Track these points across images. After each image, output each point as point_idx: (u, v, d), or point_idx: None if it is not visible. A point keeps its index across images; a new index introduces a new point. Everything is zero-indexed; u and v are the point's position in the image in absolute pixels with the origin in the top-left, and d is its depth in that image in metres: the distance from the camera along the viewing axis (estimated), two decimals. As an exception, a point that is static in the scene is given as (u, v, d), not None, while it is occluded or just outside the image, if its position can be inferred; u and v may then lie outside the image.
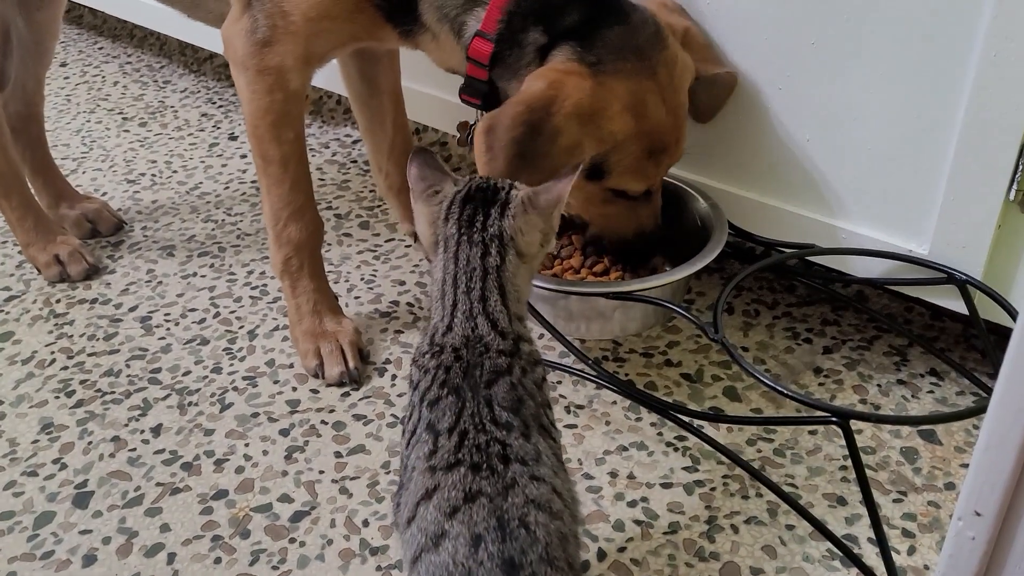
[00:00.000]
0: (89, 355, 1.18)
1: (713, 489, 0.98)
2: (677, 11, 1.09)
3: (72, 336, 1.22)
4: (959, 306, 1.02)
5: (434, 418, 0.67)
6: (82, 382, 1.14)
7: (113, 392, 1.12)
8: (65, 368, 1.16)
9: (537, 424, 0.68)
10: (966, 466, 0.99)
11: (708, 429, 1.04)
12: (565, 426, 1.06)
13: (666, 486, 0.98)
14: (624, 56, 0.94)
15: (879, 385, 1.11)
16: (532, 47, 0.95)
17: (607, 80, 0.93)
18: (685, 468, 1.00)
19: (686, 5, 1.11)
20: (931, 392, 1.10)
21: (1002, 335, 1.08)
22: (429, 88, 1.38)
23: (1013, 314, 0.97)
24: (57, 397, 1.12)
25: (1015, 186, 0.93)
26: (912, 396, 1.09)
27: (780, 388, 0.89)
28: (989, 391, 1.07)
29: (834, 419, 0.86)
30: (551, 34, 0.94)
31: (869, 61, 0.99)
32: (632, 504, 0.96)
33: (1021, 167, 0.92)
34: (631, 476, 1.00)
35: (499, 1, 0.94)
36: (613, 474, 1.00)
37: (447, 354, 0.71)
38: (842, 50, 1.01)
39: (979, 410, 0.87)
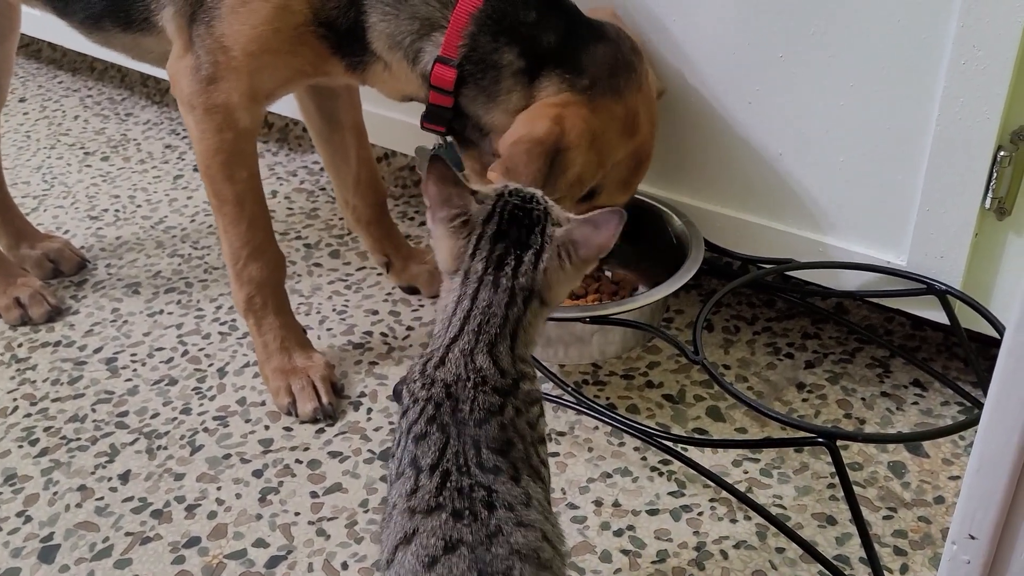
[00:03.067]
0: (53, 400, 1.14)
1: (700, 514, 0.96)
2: (620, 23, 1.06)
3: (35, 381, 1.18)
4: (940, 316, 1.01)
5: (419, 453, 0.64)
6: (46, 429, 1.10)
7: (79, 439, 1.08)
8: (28, 415, 1.12)
9: (527, 465, 0.65)
10: (955, 479, 0.98)
11: (693, 451, 1.02)
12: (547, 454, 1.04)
13: (652, 513, 0.96)
14: (615, 73, 0.92)
15: (863, 398, 1.10)
16: (510, 70, 0.92)
17: (605, 104, 0.92)
18: (671, 493, 0.98)
19: (655, 22, 1.09)
20: (915, 403, 1.09)
21: (984, 342, 1.08)
22: (395, 113, 1.35)
23: (995, 323, 0.96)
24: (20, 446, 1.08)
25: (990, 194, 0.93)
26: (897, 408, 1.08)
27: (765, 410, 0.87)
28: (973, 400, 1.06)
29: (820, 440, 0.84)
30: (529, 57, 0.92)
31: (838, 73, 0.98)
32: (618, 533, 0.94)
33: (995, 175, 0.91)
34: (616, 504, 0.97)
35: (458, 24, 0.91)
36: (598, 503, 0.97)
37: (438, 388, 0.67)
38: (811, 63, 1.00)
39: (966, 424, 0.86)
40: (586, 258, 0.70)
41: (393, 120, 1.38)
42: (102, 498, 1.00)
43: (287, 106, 1.27)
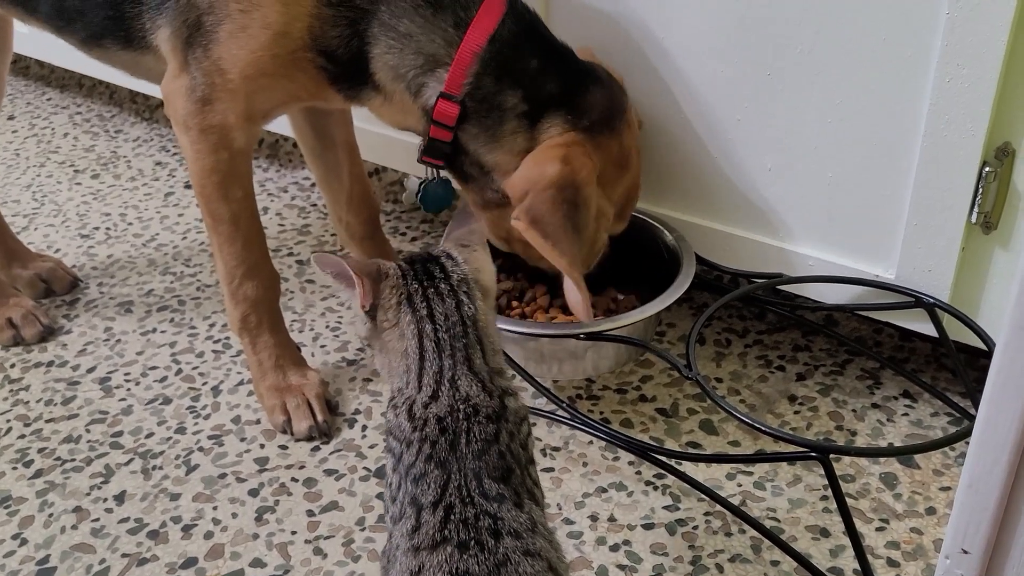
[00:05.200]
0: (47, 421, 1.14)
1: (695, 527, 0.96)
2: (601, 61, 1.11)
3: (28, 402, 1.18)
4: (928, 328, 1.02)
5: (418, 492, 0.64)
6: (40, 450, 1.10)
7: (73, 459, 1.08)
8: (22, 436, 1.12)
9: (525, 489, 0.66)
10: (945, 489, 0.99)
11: (687, 465, 1.03)
12: (542, 470, 1.04)
13: (648, 527, 0.97)
14: (611, 116, 0.97)
15: (854, 410, 1.11)
16: (514, 112, 0.95)
17: (603, 142, 0.97)
18: (666, 507, 0.99)
19: (648, 40, 1.11)
20: (906, 415, 1.10)
21: (972, 353, 1.09)
22: (387, 129, 1.36)
23: (982, 336, 0.97)
24: (15, 468, 1.07)
25: (976, 209, 0.94)
26: (887, 420, 1.09)
27: (758, 425, 0.88)
28: (962, 411, 1.07)
29: (813, 454, 0.85)
30: (532, 101, 0.95)
31: (826, 90, 1.00)
32: (615, 548, 0.94)
33: (981, 190, 0.93)
34: (612, 519, 0.98)
35: (463, 63, 0.94)
36: (594, 517, 0.98)
37: (431, 426, 0.66)
38: (798, 80, 1.01)
39: (956, 437, 0.87)
40: (480, 237, 0.76)
41: (385, 136, 1.39)
42: (98, 519, 1.00)
43: (277, 122, 1.27)
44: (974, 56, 0.88)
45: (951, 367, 1.16)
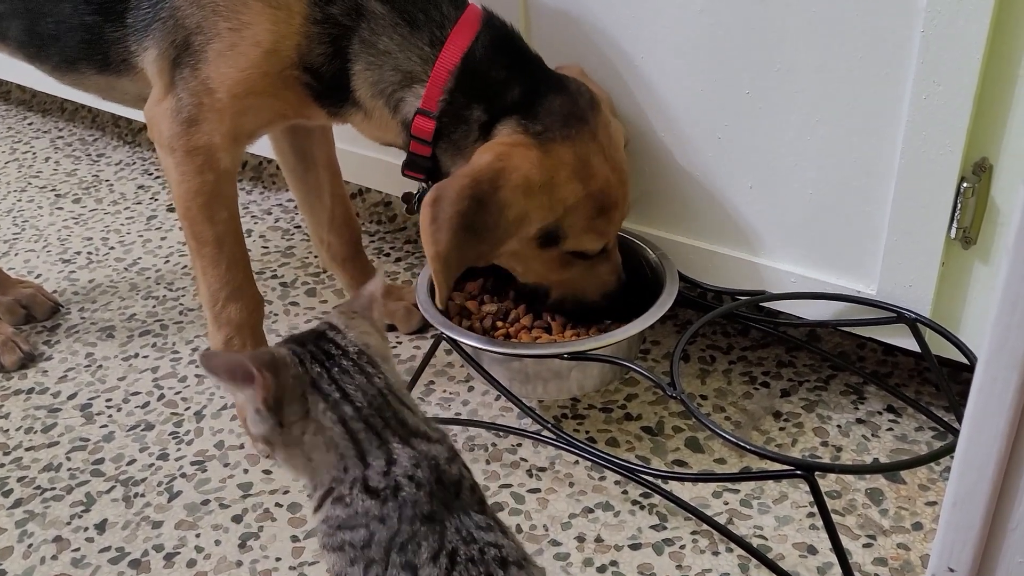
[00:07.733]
0: (27, 449, 1.13)
1: (683, 547, 0.96)
2: (589, 79, 1.11)
3: (8, 430, 1.16)
4: (911, 343, 1.03)
5: (409, 556, 0.60)
6: (20, 479, 1.08)
7: (53, 488, 1.07)
8: (1, 465, 1.11)
9: (494, 516, 0.65)
10: (932, 504, 0.99)
11: (674, 483, 1.02)
12: (528, 490, 1.04)
13: (635, 547, 0.96)
14: (568, 123, 0.96)
15: (839, 426, 1.11)
16: (477, 124, 0.96)
17: (553, 148, 0.95)
18: (653, 527, 0.99)
19: (624, 60, 1.11)
20: (890, 429, 1.10)
21: (954, 367, 1.09)
22: (369, 150, 1.36)
23: (964, 350, 0.98)
24: (-7, 498, 1.06)
25: (955, 224, 0.95)
26: (872, 435, 1.09)
27: (743, 444, 0.88)
28: (946, 425, 1.08)
29: (799, 472, 0.85)
30: (492, 111, 0.95)
31: (804, 108, 1.00)
32: (602, 570, 0.94)
33: (959, 206, 0.93)
34: (599, 539, 0.97)
35: (439, 80, 0.95)
36: (580, 538, 0.97)
37: (406, 487, 0.62)
38: (776, 99, 1.02)
39: (940, 453, 0.87)
40: (367, 307, 0.71)
41: (366, 157, 1.39)
42: (78, 549, 0.99)
43: (261, 144, 1.27)
44: (950, 73, 0.88)
45: (934, 381, 1.16)
